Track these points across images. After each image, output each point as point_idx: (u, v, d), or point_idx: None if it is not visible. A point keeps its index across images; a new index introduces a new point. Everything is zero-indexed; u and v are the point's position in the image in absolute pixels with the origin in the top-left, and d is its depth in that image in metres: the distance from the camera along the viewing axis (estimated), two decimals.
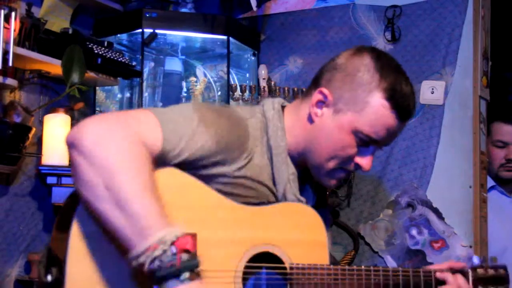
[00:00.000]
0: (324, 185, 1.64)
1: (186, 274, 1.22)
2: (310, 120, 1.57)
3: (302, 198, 1.62)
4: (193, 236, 1.25)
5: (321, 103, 1.56)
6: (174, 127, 1.38)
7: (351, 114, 1.52)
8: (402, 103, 1.53)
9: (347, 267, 1.55)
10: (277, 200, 1.59)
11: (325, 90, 1.54)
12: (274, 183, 1.58)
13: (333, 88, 1.54)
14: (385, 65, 1.56)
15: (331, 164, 1.57)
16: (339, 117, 1.53)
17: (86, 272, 1.31)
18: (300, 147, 1.60)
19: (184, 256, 1.22)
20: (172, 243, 1.21)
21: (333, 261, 1.70)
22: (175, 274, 1.21)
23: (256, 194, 1.54)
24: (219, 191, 1.47)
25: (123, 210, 1.23)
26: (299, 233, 1.56)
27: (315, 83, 1.60)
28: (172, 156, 1.38)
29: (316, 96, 1.56)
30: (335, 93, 1.54)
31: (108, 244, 1.32)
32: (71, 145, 1.29)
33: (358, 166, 1.59)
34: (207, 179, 1.46)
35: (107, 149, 1.26)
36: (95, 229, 1.32)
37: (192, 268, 1.23)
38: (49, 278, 1.30)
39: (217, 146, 1.43)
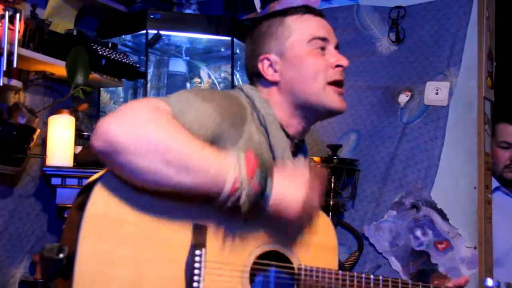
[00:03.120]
0: (337, 110, 1.70)
1: (269, 187, 1.37)
2: (275, 84, 1.69)
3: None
4: (249, 152, 1.38)
5: (270, 66, 1.69)
6: (178, 104, 1.42)
7: (290, 41, 1.68)
8: (304, 7, 1.74)
9: (355, 273, 1.55)
10: None
11: (262, 56, 1.70)
12: (272, 153, 1.62)
13: (263, 51, 1.70)
14: (270, 13, 1.78)
15: (320, 81, 1.66)
16: (288, 54, 1.68)
17: (97, 252, 1.32)
18: (291, 110, 1.68)
19: (257, 176, 1.35)
20: (246, 175, 1.34)
21: (340, 263, 1.71)
22: (262, 193, 1.37)
23: None
24: None
25: (190, 171, 1.30)
26: (310, 236, 1.57)
27: (252, 72, 1.74)
28: None
29: (262, 66, 1.70)
30: (268, 51, 1.70)
31: (124, 228, 1.34)
32: (108, 152, 1.29)
33: (338, 66, 1.69)
34: None
35: (144, 135, 1.29)
36: (110, 212, 1.34)
37: (267, 176, 1.37)
38: (60, 255, 1.30)
39: (221, 116, 1.47)
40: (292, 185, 1.41)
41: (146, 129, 1.29)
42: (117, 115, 1.31)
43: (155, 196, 1.36)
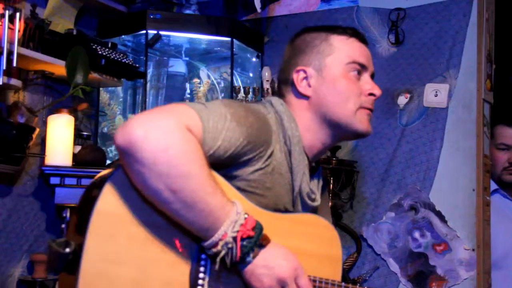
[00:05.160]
0: (363, 134, 1.69)
1: (250, 257, 1.39)
2: (306, 98, 1.67)
3: (314, 190, 1.68)
4: (250, 219, 1.38)
5: (305, 79, 1.67)
6: (213, 125, 1.41)
7: (329, 59, 1.67)
8: (352, 30, 1.72)
9: (358, 286, 1.54)
10: (293, 193, 1.62)
11: (299, 67, 1.68)
12: (291, 175, 1.61)
13: (302, 62, 1.69)
14: (317, 26, 1.76)
15: (351, 106, 1.65)
16: (325, 72, 1.66)
17: (103, 249, 1.32)
18: (319, 130, 1.67)
19: (245, 242, 1.37)
20: (234, 239, 1.36)
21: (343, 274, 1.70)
22: (241, 261, 1.39)
23: (275, 192, 1.56)
24: (242, 190, 1.49)
25: (190, 210, 1.32)
26: (315, 245, 1.57)
27: (285, 79, 1.73)
28: (209, 154, 1.40)
29: (297, 77, 1.68)
30: (306, 63, 1.68)
31: (132, 227, 1.35)
32: (127, 153, 1.30)
33: (371, 94, 1.69)
34: (232, 179, 1.49)
35: (165, 157, 1.28)
36: (119, 210, 1.35)
37: (254, 247, 1.38)
38: (67, 250, 1.31)
39: (248, 143, 1.46)
40: (269, 270, 1.41)
41: (169, 151, 1.29)
42: (150, 121, 1.31)
43: None
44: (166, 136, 1.30)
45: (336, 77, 1.65)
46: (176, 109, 1.39)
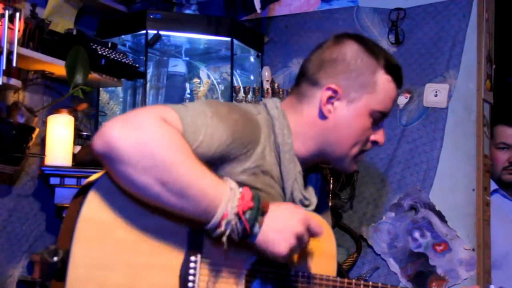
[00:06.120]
0: (346, 172, 1.71)
1: (256, 228, 1.36)
2: (322, 117, 1.60)
3: (308, 196, 1.64)
4: (246, 190, 1.36)
5: (331, 99, 1.59)
6: (191, 120, 1.38)
7: (366, 98, 1.59)
8: (398, 72, 1.65)
9: (354, 281, 1.54)
10: (285, 199, 1.60)
11: (333, 86, 1.58)
12: (282, 181, 1.58)
13: (339, 81, 1.58)
14: (370, 45, 1.64)
15: (354, 151, 1.62)
16: (354, 105, 1.59)
17: (90, 256, 1.32)
18: (311, 147, 1.62)
19: (248, 215, 1.34)
20: (236, 213, 1.33)
21: (339, 268, 1.70)
22: (249, 234, 1.36)
23: (266, 194, 1.53)
24: None
25: (183, 197, 1.30)
26: (310, 243, 1.56)
27: (311, 81, 1.62)
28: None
29: (325, 93, 1.58)
30: (342, 85, 1.58)
31: (118, 232, 1.34)
32: (108, 157, 1.28)
33: (374, 143, 1.65)
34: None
35: (147, 150, 1.27)
36: (104, 216, 1.34)
37: (257, 217, 1.36)
38: (55, 259, 1.31)
39: (232, 139, 1.43)
40: (281, 232, 1.38)
41: (149, 143, 1.27)
42: (123, 121, 1.29)
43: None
44: (143, 130, 1.28)
45: (357, 117, 1.59)
46: (150, 107, 1.39)
